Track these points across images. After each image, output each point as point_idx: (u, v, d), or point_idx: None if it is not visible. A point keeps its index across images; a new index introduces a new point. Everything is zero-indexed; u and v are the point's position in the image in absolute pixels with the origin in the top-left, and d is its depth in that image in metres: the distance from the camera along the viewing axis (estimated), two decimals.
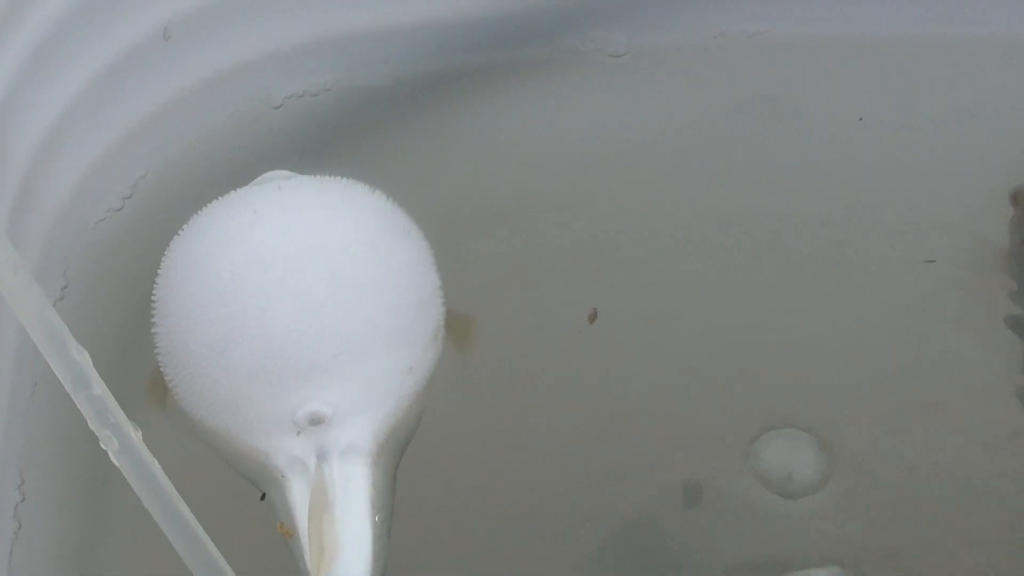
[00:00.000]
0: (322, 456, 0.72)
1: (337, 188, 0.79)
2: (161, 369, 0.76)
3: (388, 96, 0.95)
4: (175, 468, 0.64)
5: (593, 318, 0.86)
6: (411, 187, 0.82)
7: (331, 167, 0.80)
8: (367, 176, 0.80)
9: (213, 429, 0.74)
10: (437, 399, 0.78)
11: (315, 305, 0.72)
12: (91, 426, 0.62)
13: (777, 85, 0.96)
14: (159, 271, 0.77)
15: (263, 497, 0.73)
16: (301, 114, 0.93)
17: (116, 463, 0.62)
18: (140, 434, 0.62)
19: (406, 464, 0.76)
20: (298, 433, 0.72)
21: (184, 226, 0.77)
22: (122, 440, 0.62)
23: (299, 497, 0.71)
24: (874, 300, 0.88)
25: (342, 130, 0.94)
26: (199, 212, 0.78)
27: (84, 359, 0.62)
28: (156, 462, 0.62)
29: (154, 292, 0.76)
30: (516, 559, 0.80)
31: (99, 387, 0.62)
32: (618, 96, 0.96)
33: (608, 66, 0.96)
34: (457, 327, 0.80)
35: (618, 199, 0.92)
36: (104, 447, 0.62)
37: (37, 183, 0.82)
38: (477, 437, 0.83)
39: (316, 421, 0.72)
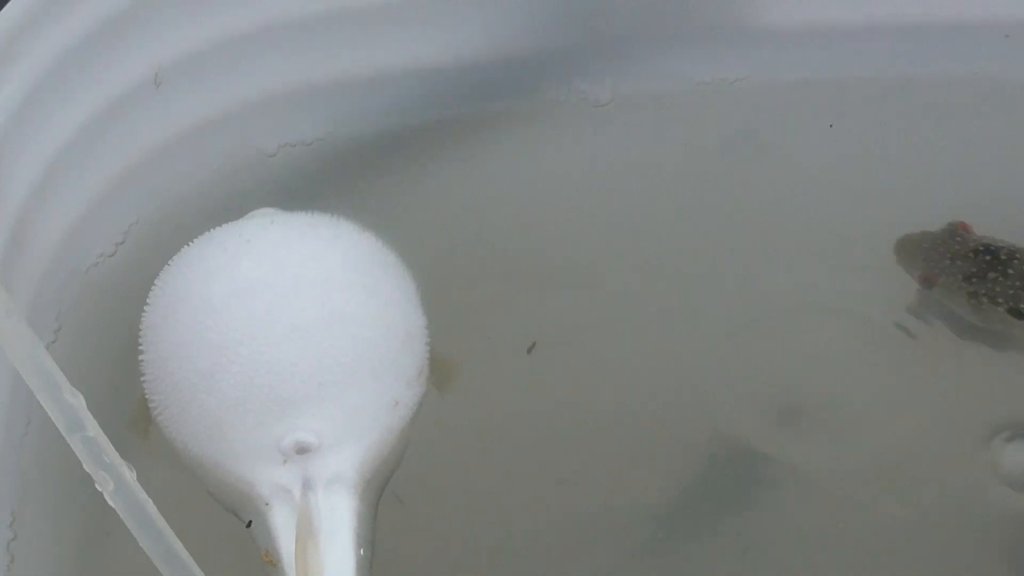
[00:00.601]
0: (307, 485, 0.72)
1: (326, 224, 0.80)
2: (147, 397, 0.76)
3: (378, 144, 0.96)
4: (160, 497, 0.64)
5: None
6: (400, 232, 0.83)
7: (324, 213, 0.81)
8: (357, 222, 0.81)
9: (198, 457, 0.74)
10: (419, 435, 0.78)
11: (302, 335, 0.73)
12: (86, 467, 0.62)
13: (757, 128, 0.97)
14: (148, 299, 0.77)
15: (249, 524, 0.73)
16: (294, 162, 0.94)
17: (111, 504, 0.62)
18: (135, 474, 0.62)
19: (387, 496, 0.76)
20: (284, 462, 0.72)
21: (175, 256, 0.78)
22: (117, 481, 0.62)
23: (283, 526, 0.71)
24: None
25: (333, 177, 0.95)
26: (190, 243, 0.79)
27: (78, 402, 0.62)
28: (151, 502, 0.62)
29: (142, 320, 0.77)
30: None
31: (93, 429, 0.62)
32: (602, 142, 0.97)
33: (592, 114, 0.97)
34: (438, 369, 0.81)
35: (602, 241, 0.93)
36: (99, 488, 0.62)
37: (31, 227, 0.82)
38: (464, 467, 0.84)
39: (302, 450, 0.72)
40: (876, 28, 0.97)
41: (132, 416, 0.79)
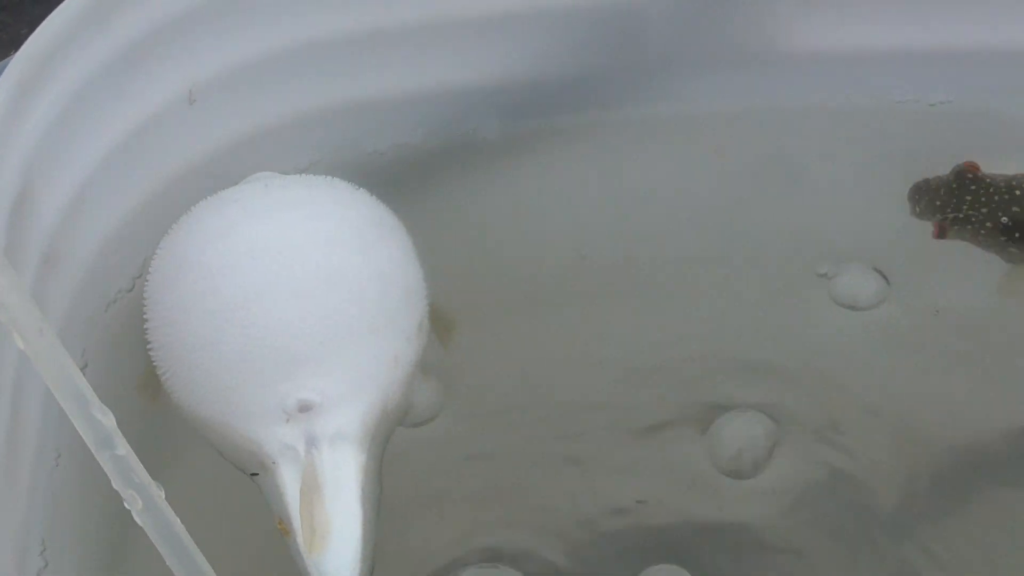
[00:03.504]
0: (311, 442, 0.73)
1: (322, 184, 0.82)
2: (154, 364, 0.77)
3: (401, 161, 0.97)
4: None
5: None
6: (427, 248, 0.84)
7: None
8: None
9: (205, 419, 0.76)
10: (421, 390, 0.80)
11: (301, 295, 0.75)
12: (115, 486, 0.62)
13: (789, 154, 0.98)
14: (150, 268, 0.79)
15: (253, 476, 0.74)
16: None
17: (139, 522, 0.62)
18: (163, 493, 0.62)
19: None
20: (287, 420, 0.73)
21: (174, 224, 0.80)
22: (146, 500, 0.62)
23: (290, 483, 0.72)
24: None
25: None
26: (188, 211, 0.80)
27: (108, 420, 0.62)
28: (179, 521, 0.62)
29: (144, 288, 0.78)
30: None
31: (123, 448, 0.62)
32: (628, 165, 0.98)
33: (618, 137, 0.99)
34: (440, 321, 0.82)
35: (627, 262, 0.95)
36: (128, 507, 0.62)
37: (61, 250, 0.82)
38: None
39: (304, 408, 0.73)
40: (909, 54, 0.98)
41: (141, 381, 0.80)
